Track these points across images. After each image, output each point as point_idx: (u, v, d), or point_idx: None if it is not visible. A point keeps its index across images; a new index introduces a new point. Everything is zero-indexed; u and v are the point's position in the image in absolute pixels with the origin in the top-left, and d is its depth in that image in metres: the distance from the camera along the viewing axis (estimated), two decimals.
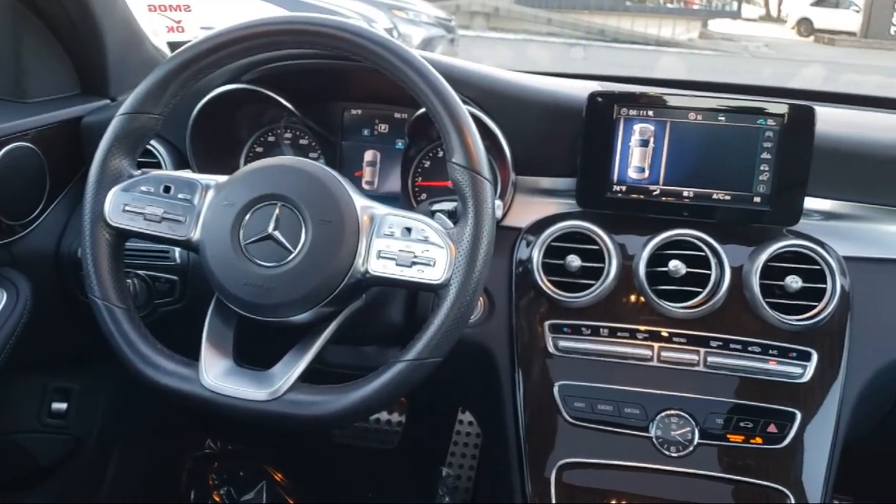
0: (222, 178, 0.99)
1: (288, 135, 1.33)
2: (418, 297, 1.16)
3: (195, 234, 0.96)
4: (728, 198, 1.15)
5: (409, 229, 0.94)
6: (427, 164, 1.28)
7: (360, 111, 1.31)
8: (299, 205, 0.92)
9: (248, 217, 0.93)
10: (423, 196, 1.29)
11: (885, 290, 1.18)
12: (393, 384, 0.92)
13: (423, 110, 1.09)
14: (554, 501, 1.08)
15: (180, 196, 0.97)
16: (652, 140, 1.15)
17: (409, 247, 0.93)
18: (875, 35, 15.51)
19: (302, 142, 1.33)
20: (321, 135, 1.30)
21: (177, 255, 1.24)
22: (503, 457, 1.17)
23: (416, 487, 1.91)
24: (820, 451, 1.10)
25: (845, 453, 1.14)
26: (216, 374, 0.94)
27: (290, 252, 0.92)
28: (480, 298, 1.19)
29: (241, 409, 0.92)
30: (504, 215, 1.21)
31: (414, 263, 0.92)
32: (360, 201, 0.95)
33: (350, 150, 1.32)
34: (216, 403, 0.93)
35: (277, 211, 0.93)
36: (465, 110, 0.95)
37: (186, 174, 1.01)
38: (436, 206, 1.08)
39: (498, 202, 1.01)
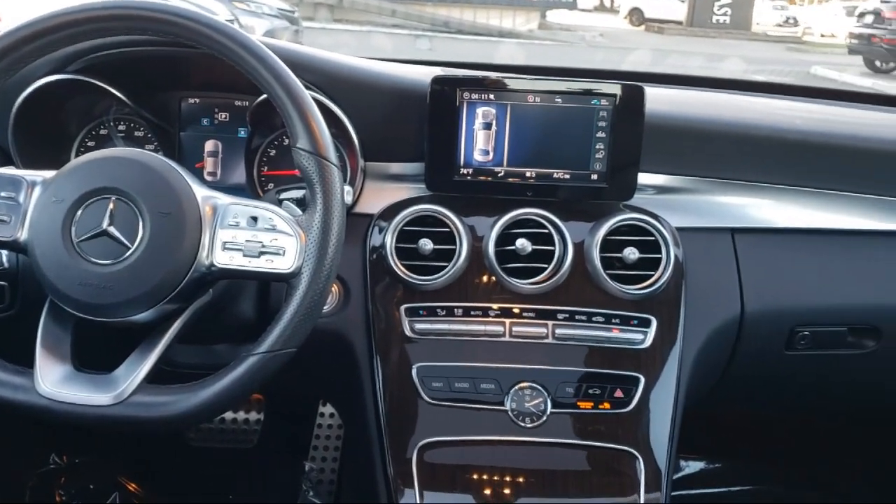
0: (49, 174, 0.93)
1: (122, 127, 1.26)
2: (270, 289, 1.13)
3: (22, 235, 0.90)
4: (568, 176, 1.20)
5: (255, 218, 0.91)
6: (272, 152, 1.26)
7: (198, 100, 1.27)
8: (135, 197, 0.88)
9: (79, 213, 0.88)
10: (270, 186, 1.26)
11: (714, 257, 1.27)
12: (246, 378, 0.90)
13: (264, 97, 1.07)
14: (416, 482, 1.09)
15: (3, 194, 0.91)
16: (494, 123, 1.18)
17: (256, 236, 0.91)
18: (699, 24, 16.56)
19: (137, 134, 1.27)
20: (157, 126, 1.25)
21: (3, 258, 1.15)
22: (365, 444, 1.17)
23: (279, 484, 1.88)
24: (663, 412, 1.16)
25: (687, 414, 1.21)
26: (53, 380, 0.88)
27: (128, 248, 0.87)
28: (334, 287, 1.18)
29: (82, 415, 0.88)
30: (355, 202, 1.21)
31: (262, 253, 0.90)
32: (201, 191, 0.92)
33: (189, 140, 1.27)
34: (55, 412, 0.88)
35: (112, 205, 0.88)
36: (307, 95, 0.94)
37: (9, 171, 0.94)
38: (283, 195, 1.06)
39: (347, 188, 1.01)
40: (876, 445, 2.02)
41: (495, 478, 1.11)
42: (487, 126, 1.18)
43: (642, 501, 1.10)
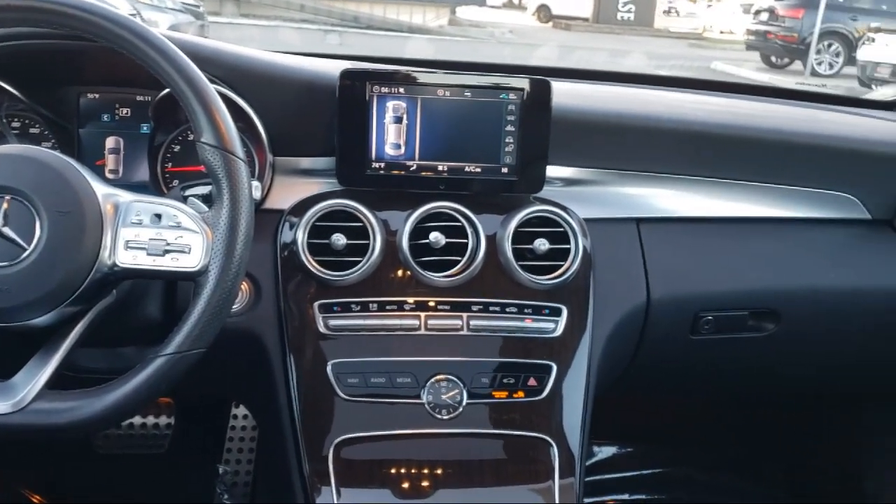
0: None
1: (16, 124, 1.21)
2: (177, 288, 1.10)
3: None
4: (479, 170, 1.20)
5: (159, 216, 0.89)
6: (177, 148, 1.22)
7: (97, 95, 1.22)
8: (31, 196, 0.85)
9: None
10: (175, 183, 1.23)
11: (620, 246, 1.30)
12: (153, 381, 0.87)
13: (167, 91, 1.04)
14: (333, 479, 1.08)
15: None
16: (405, 117, 1.18)
17: (160, 234, 0.88)
18: (605, 20, 16.97)
19: (33, 131, 1.21)
20: (54, 122, 1.20)
21: None
22: (280, 444, 1.16)
23: (192, 489, 1.83)
24: (576, 399, 1.18)
25: (599, 400, 1.24)
26: None
27: (24, 249, 0.84)
28: (245, 285, 1.16)
29: None
30: (264, 198, 1.19)
31: (167, 252, 0.88)
32: (101, 189, 0.89)
33: (89, 137, 1.23)
34: None
35: (5, 205, 0.84)
36: (211, 88, 0.92)
37: None
38: (189, 192, 1.03)
39: (255, 183, 0.99)
40: (780, 424, 2.12)
41: (413, 471, 1.11)
42: (398, 120, 1.17)
43: (557, 487, 1.12)
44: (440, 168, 1.20)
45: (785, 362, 1.50)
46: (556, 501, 1.11)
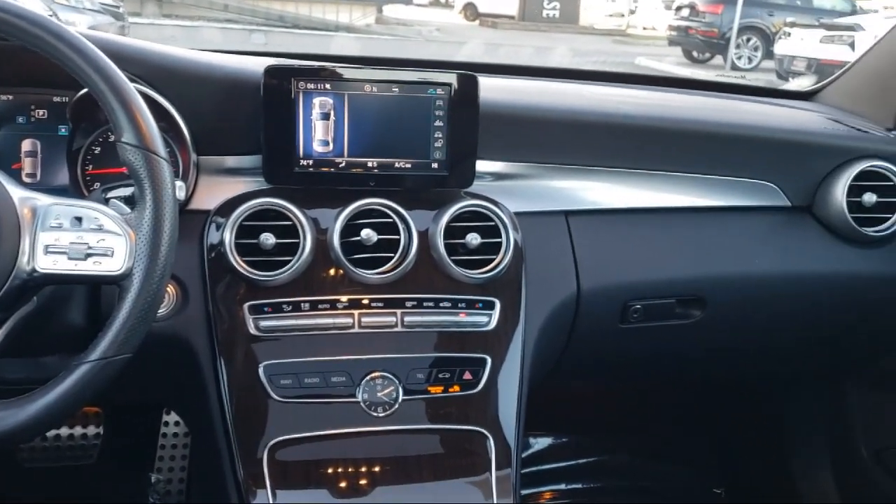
0: None
1: None
2: (101, 293, 1.07)
3: None
4: (409, 165, 1.20)
5: (79, 219, 0.86)
6: (97, 150, 1.19)
7: (10, 96, 1.18)
8: None
9: None
10: (97, 186, 1.19)
11: (550, 239, 1.31)
12: (78, 389, 0.84)
13: (85, 91, 1.01)
14: (268, 482, 1.07)
15: None
16: (332, 113, 1.17)
17: (81, 238, 0.85)
18: (530, 18, 17.17)
19: None
20: None
21: None
22: (213, 449, 1.13)
23: (124, 499, 1.79)
24: (510, 391, 1.19)
25: (534, 391, 1.25)
26: None
27: None
28: (171, 288, 1.13)
29: None
30: (189, 198, 1.16)
31: (89, 255, 0.85)
32: (17, 193, 0.86)
33: (4, 140, 1.18)
34: None
35: None
36: (131, 86, 0.89)
37: None
38: (111, 194, 1.01)
39: (179, 183, 0.97)
40: (712, 408, 2.17)
41: (350, 470, 1.10)
42: (325, 116, 1.16)
43: (494, 479, 1.13)
44: (370, 164, 1.19)
45: (712, 347, 1.54)
46: (494, 493, 1.12)
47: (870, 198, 1.43)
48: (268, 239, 1.12)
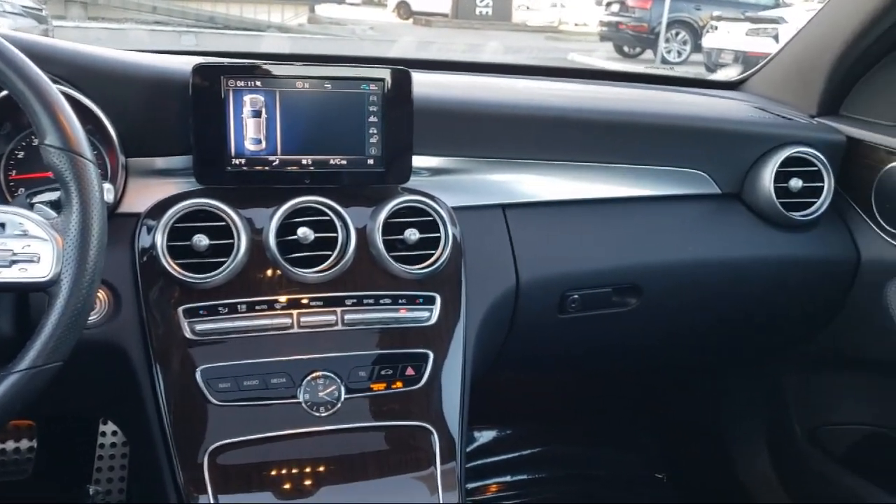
0: None
1: None
2: (28, 300, 1.04)
3: None
4: (345, 162, 1.19)
5: (2, 225, 0.83)
6: (20, 154, 1.15)
7: None
8: None
9: None
10: (21, 191, 1.15)
11: (488, 233, 1.32)
12: (7, 400, 0.82)
13: (4, 93, 0.97)
14: (209, 487, 1.05)
15: None
16: (264, 110, 1.15)
17: (5, 244, 0.83)
18: (464, 16, 17.24)
19: None
20: None
21: None
22: (152, 458, 1.11)
23: None
24: (453, 385, 1.19)
25: (476, 384, 1.26)
26: None
27: None
28: (102, 293, 1.10)
29: None
30: (118, 201, 1.13)
31: (14, 262, 0.82)
32: None
33: None
34: None
35: None
36: (53, 87, 0.87)
37: None
38: (36, 199, 0.97)
39: (107, 186, 0.95)
40: (652, 395, 2.21)
41: (293, 471, 1.09)
42: (257, 114, 1.15)
43: (439, 473, 1.13)
44: (304, 162, 1.18)
45: (649, 335, 1.57)
46: (439, 487, 1.12)
47: (796, 183, 1.47)
48: (201, 240, 1.10)
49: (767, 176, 1.47)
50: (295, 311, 1.14)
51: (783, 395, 1.84)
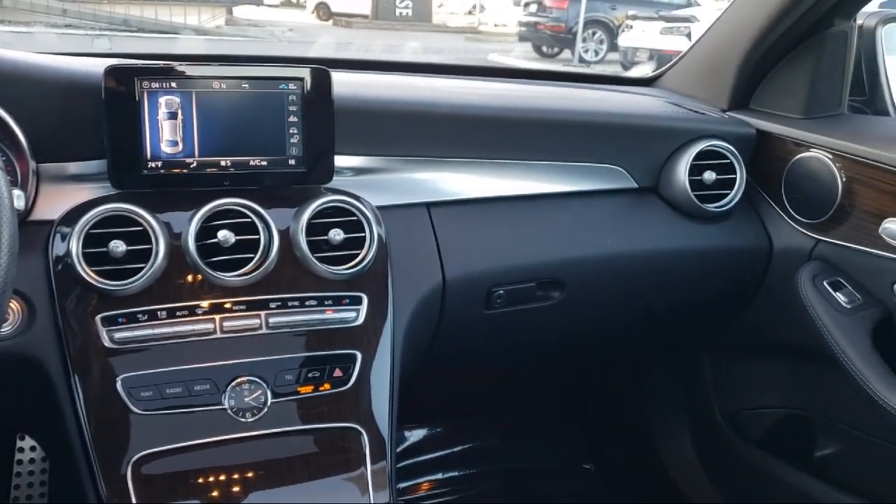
0: None
1: None
2: None
3: None
4: (265, 163, 1.18)
5: None
6: None
7: None
8: None
9: None
10: None
11: (413, 231, 1.32)
12: None
13: None
14: (133, 498, 1.02)
15: None
16: (180, 112, 1.13)
17: None
18: (384, 17, 17.22)
19: None
20: None
21: None
22: (73, 471, 1.07)
23: None
24: (382, 385, 1.19)
25: (406, 383, 1.26)
26: None
27: None
28: (15, 304, 1.06)
29: None
30: (30, 209, 1.09)
31: None
32: None
33: None
34: None
35: None
36: None
37: None
38: None
39: (17, 192, 0.92)
40: (579, 388, 2.25)
41: (221, 478, 1.07)
42: (172, 116, 1.12)
43: (369, 473, 1.12)
44: (223, 163, 1.16)
45: (573, 327, 1.59)
46: (370, 488, 1.12)
47: (709, 176, 1.52)
48: (118, 246, 1.07)
49: (682, 169, 1.51)
50: (217, 316, 1.12)
51: (703, 382, 1.90)
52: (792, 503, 1.69)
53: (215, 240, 1.12)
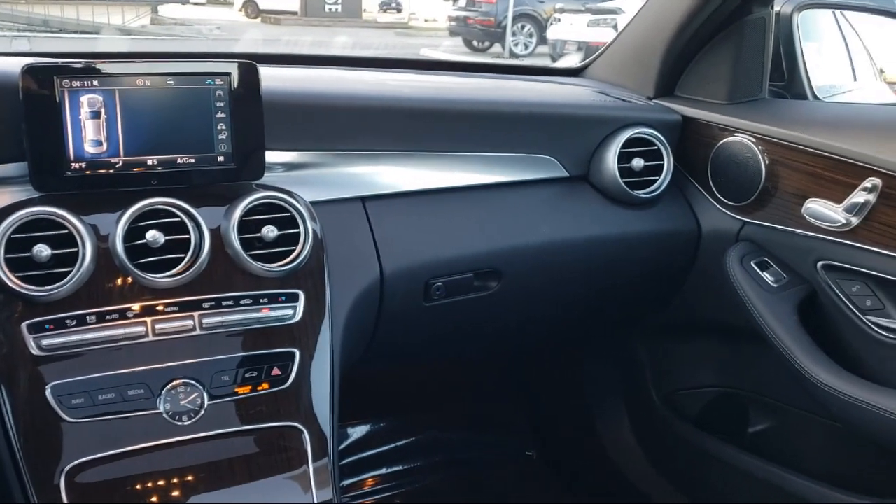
0: None
1: None
2: None
3: None
4: (194, 161, 1.16)
5: None
6: None
7: None
8: None
9: None
10: None
11: (349, 226, 1.31)
12: None
13: None
14: None
15: None
16: (104, 111, 1.10)
17: None
18: (313, 13, 17.07)
19: None
20: None
21: None
22: (2, 484, 1.04)
23: None
24: (322, 382, 1.18)
25: (347, 379, 1.25)
26: None
27: None
28: None
29: None
30: None
31: None
32: None
33: None
34: None
35: None
36: None
37: None
38: None
39: None
40: (519, 375, 2.27)
41: (160, 483, 1.05)
42: (96, 115, 1.09)
43: (311, 471, 1.11)
44: (150, 162, 1.13)
45: (511, 316, 1.61)
46: (312, 486, 1.11)
47: (638, 163, 1.55)
48: (42, 251, 1.04)
49: (611, 157, 1.54)
50: (149, 319, 1.10)
51: (640, 365, 1.93)
52: (727, 478, 1.74)
53: (144, 241, 1.09)
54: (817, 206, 1.40)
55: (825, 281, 1.42)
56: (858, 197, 1.34)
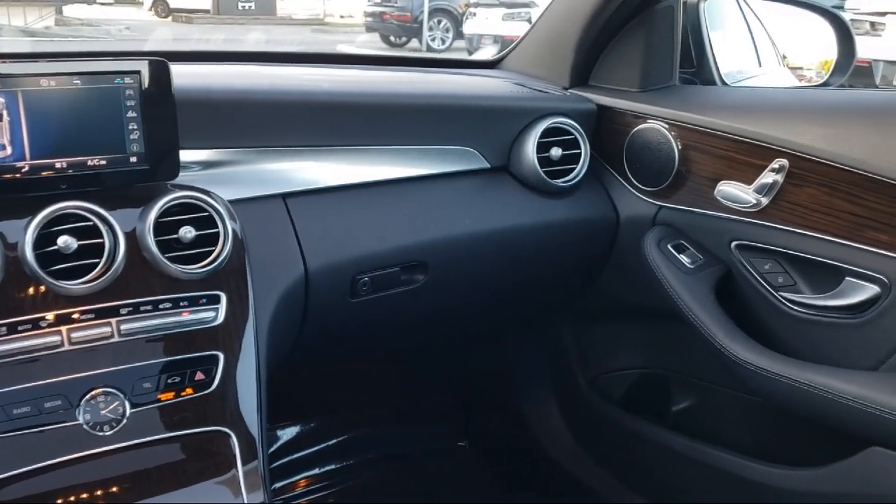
0: None
1: None
2: None
3: None
4: (105, 162, 1.12)
5: None
6: None
7: None
8: None
9: None
10: None
11: (270, 224, 1.30)
12: None
13: None
14: None
15: None
16: (6, 113, 1.05)
17: None
18: (226, 11, 16.75)
19: None
20: None
21: None
22: None
23: None
24: (248, 384, 1.16)
25: (275, 380, 1.23)
26: None
27: None
28: None
29: None
30: None
31: None
32: None
33: None
34: None
35: None
36: None
37: None
38: None
39: None
40: (450, 368, 2.28)
41: (83, 497, 1.02)
42: None
43: (241, 474, 1.09)
44: (59, 165, 1.09)
45: (439, 308, 1.61)
46: (242, 489, 1.09)
47: (556, 152, 1.57)
48: None
49: (530, 147, 1.56)
50: (64, 328, 1.06)
51: (565, 351, 1.97)
52: (653, 456, 1.78)
53: (56, 247, 1.05)
54: (729, 188, 1.45)
55: (739, 260, 1.47)
56: (767, 178, 1.39)
